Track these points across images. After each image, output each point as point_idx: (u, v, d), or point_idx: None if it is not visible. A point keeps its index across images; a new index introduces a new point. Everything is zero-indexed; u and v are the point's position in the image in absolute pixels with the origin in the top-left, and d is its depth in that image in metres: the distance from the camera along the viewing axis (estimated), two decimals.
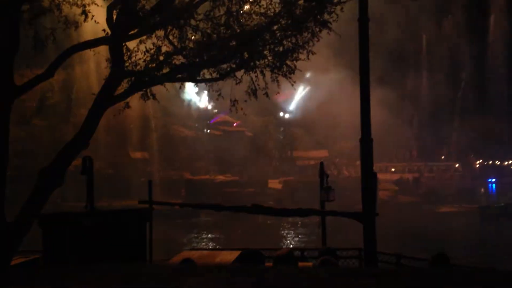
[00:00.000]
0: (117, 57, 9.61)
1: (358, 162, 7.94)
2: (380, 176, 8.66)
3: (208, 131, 69.56)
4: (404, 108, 68.72)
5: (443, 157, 77.84)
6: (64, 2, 9.80)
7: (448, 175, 69.52)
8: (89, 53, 11.44)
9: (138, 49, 10.17)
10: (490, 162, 79.71)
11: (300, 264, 7.53)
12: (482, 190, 69.17)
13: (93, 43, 10.15)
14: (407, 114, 70.29)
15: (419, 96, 76.32)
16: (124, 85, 10.01)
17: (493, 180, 72.53)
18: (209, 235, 36.10)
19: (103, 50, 10.52)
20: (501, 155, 77.43)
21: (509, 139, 74.48)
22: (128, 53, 10.02)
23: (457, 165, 76.14)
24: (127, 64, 9.94)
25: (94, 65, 47.67)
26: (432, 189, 62.29)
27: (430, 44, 79.25)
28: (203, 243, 32.28)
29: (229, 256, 8.52)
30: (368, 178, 7.76)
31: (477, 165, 79.70)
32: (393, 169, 70.33)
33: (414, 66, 78.00)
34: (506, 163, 79.77)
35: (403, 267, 9.16)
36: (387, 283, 0.88)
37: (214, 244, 27.03)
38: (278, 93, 11.00)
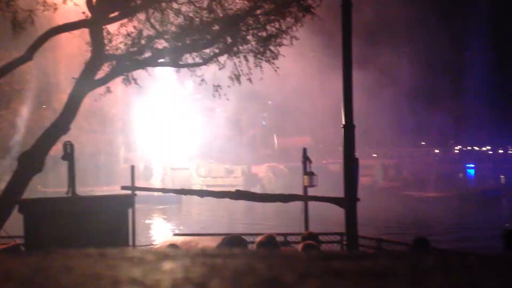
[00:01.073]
0: (97, 40, 9.46)
1: (341, 148, 7.99)
2: (361, 161, 8.72)
3: (190, 117, 69.03)
4: (384, 92, 69.03)
5: (423, 143, 78.91)
6: None
7: (427, 161, 70.51)
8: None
9: (119, 33, 10.03)
10: (469, 147, 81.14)
11: (283, 248, 7.60)
12: (461, 175, 70.38)
13: (73, 25, 9.97)
14: (386, 99, 70.63)
15: (398, 81, 76.68)
16: (105, 69, 9.88)
17: (472, 165, 73.84)
18: (191, 221, 36.12)
19: (84, 33, 10.33)
20: (479, 141, 78.84)
21: (487, 125, 75.76)
22: (109, 37, 9.87)
23: (436, 151, 77.29)
24: (107, 47, 9.80)
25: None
26: (412, 174, 63.17)
27: (410, 26, 79.34)
28: (186, 229, 32.29)
29: (212, 241, 8.55)
30: (350, 163, 7.83)
31: (457, 151, 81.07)
32: (374, 155, 71.06)
33: (394, 48, 78.05)
34: (484, 148, 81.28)
35: (384, 251, 9.33)
36: (367, 265, 0.90)
37: (197, 230, 27.09)
38: (262, 78, 10.99)
